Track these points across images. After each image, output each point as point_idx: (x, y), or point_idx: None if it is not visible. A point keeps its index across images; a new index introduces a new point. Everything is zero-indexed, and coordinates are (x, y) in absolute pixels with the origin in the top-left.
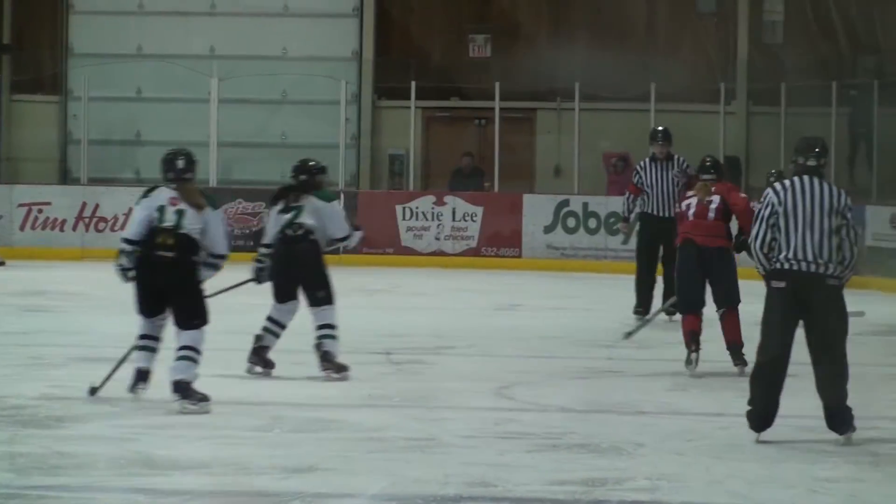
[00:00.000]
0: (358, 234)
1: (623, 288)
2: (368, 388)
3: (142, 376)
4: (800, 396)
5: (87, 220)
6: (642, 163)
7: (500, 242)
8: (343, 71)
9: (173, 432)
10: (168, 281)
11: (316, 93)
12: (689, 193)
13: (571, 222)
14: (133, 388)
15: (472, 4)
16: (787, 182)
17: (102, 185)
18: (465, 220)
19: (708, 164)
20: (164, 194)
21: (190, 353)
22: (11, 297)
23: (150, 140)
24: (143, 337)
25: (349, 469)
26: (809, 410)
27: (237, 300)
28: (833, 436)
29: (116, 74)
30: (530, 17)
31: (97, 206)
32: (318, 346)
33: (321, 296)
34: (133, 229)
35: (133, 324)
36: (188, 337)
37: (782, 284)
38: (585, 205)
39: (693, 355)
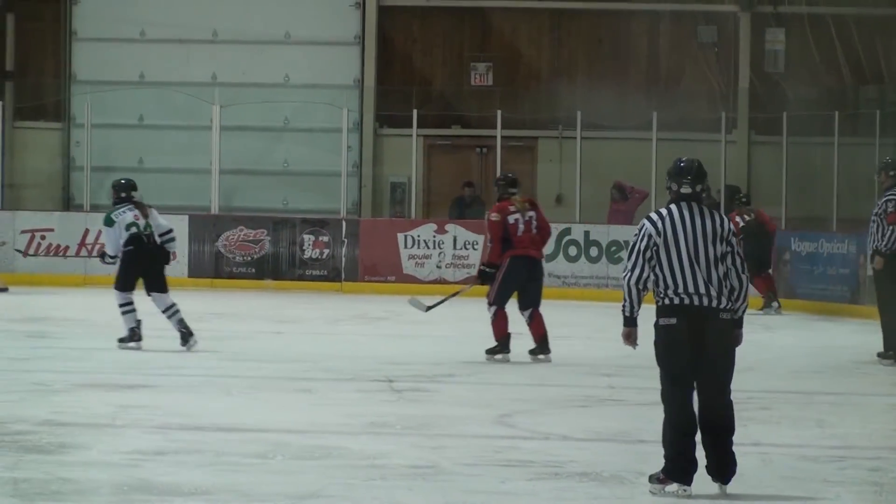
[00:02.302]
0: None
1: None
2: (370, 415)
3: None
4: (792, 425)
5: (89, 247)
6: None
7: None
8: (345, 98)
9: (175, 458)
10: None
11: (317, 120)
12: (512, 209)
13: (573, 251)
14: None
15: (473, 33)
16: (663, 211)
17: (105, 211)
18: (467, 249)
19: (513, 178)
20: None
21: None
22: (14, 324)
23: (152, 167)
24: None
25: (351, 496)
26: (808, 439)
27: (244, 327)
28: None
29: (119, 101)
30: (532, 45)
31: (100, 232)
32: None
33: None
34: None
35: (135, 351)
36: None
37: (674, 321)
38: (587, 233)
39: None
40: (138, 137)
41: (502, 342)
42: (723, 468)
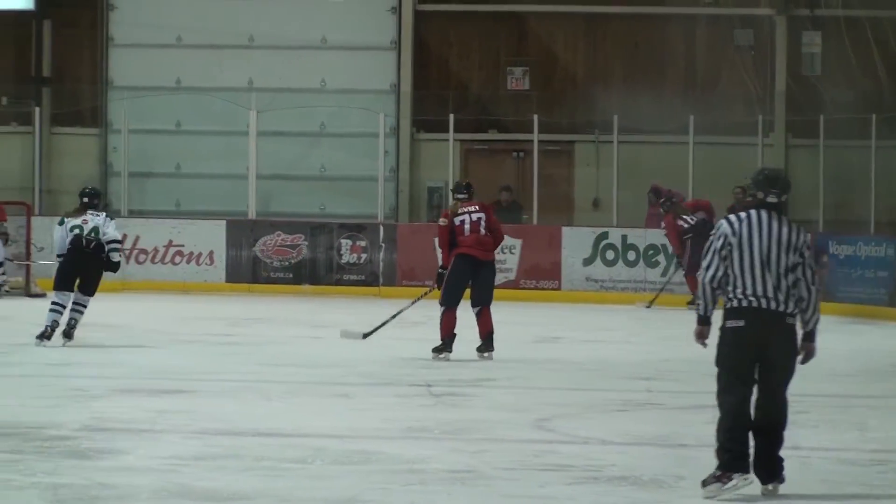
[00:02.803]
0: None
1: (661, 320)
2: (408, 420)
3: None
4: (831, 429)
5: (126, 253)
6: None
7: (539, 275)
8: (381, 103)
9: (214, 464)
10: None
11: (354, 125)
12: (460, 211)
13: (610, 255)
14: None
15: (510, 37)
16: (742, 214)
17: (142, 217)
18: (504, 253)
19: (463, 185)
20: None
21: None
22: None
23: (189, 172)
24: None
25: (390, 501)
26: (848, 443)
27: (281, 332)
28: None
29: (156, 107)
30: (568, 49)
31: (137, 238)
32: None
33: None
34: None
35: (173, 356)
36: None
37: (741, 323)
38: (624, 237)
39: (449, 352)
40: (175, 143)
41: (445, 341)
42: (772, 468)
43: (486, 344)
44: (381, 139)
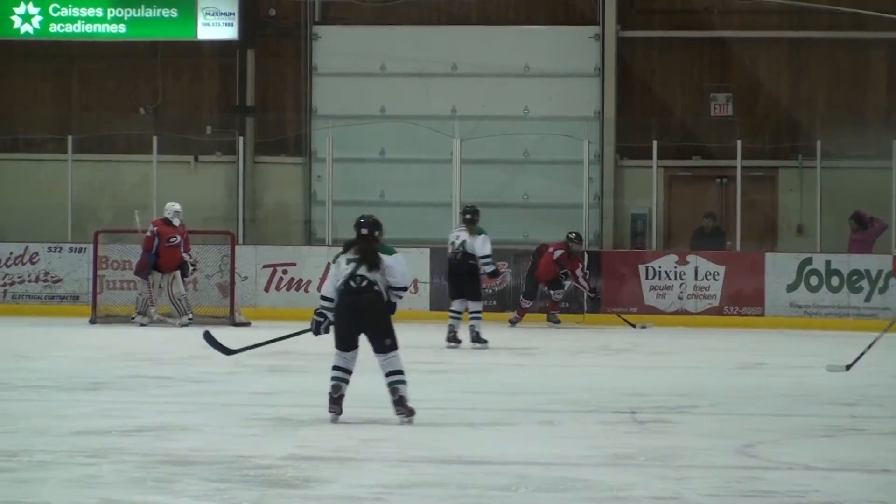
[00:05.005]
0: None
1: (863, 346)
2: (613, 447)
3: None
4: None
5: None
6: None
7: (742, 301)
8: (584, 130)
9: (419, 492)
10: None
11: (557, 152)
12: None
13: (814, 280)
14: None
15: (712, 63)
16: None
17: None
18: (708, 279)
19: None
20: None
21: None
22: (258, 358)
23: (393, 200)
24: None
25: None
26: None
27: (486, 360)
28: None
29: (360, 135)
30: (771, 75)
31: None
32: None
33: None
34: None
35: (378, 384)
36: None
37: None
38: (828, 263)
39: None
40: (379, 171)
41: None
42: None
43: None
44: (585, 166)
